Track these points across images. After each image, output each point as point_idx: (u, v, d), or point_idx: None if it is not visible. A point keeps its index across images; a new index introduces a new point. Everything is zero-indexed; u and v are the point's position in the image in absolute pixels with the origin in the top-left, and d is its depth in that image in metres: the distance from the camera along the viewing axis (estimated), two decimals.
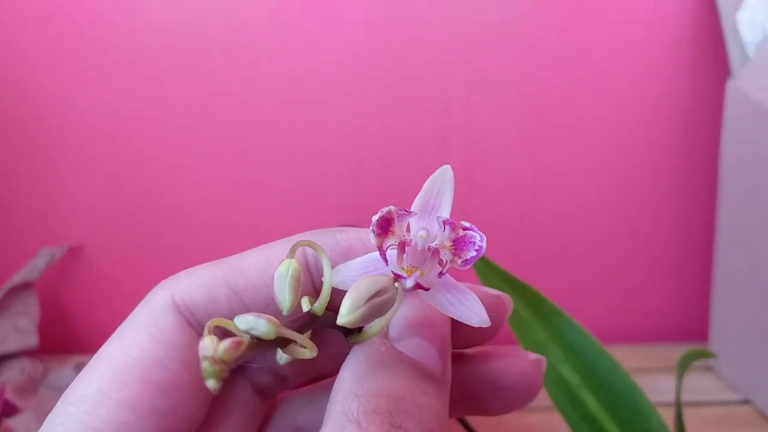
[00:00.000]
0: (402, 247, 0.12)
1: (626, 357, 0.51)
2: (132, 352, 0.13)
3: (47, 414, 0.13)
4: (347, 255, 0.14)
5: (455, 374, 0.14)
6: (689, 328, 0.53)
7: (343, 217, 0.51)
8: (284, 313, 0.11)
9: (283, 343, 0.11)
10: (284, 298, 0.11)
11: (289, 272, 0.11)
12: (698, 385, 0.46)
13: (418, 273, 0.13)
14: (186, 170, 0.51)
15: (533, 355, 0.15)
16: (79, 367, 0.45)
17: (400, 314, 0.13)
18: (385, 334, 0.13)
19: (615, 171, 0.52)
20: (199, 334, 0.13)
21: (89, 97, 0.50)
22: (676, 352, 0.52)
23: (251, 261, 0.14)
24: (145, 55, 0.49)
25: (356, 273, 0.13)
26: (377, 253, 0.12)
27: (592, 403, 0.17)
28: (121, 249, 0.52)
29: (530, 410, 0.43)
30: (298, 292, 0.12)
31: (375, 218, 0.12)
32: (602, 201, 0.52)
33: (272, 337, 0.11)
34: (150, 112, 0.50)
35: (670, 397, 0.45)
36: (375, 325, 0.12)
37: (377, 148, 0.52)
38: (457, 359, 0.15)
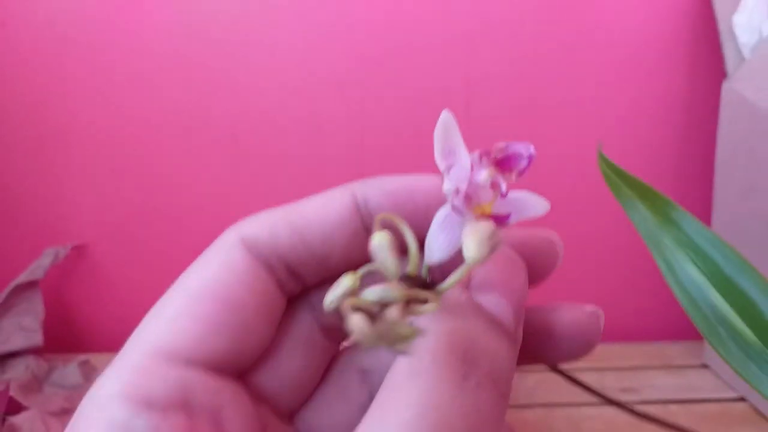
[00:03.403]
0: (462, 194, 0.13)
1: (622, 355, 0.51)
2: (204, 278, 0.14)
3: (52, 412, 0.13)
4: (400, 204, 0.15)
5: None
6: (685, 326, 0.54)
7: None
8: (391, 279, 0.12)
9: (408, 302, 0.12)
10: (389, 266, 0.12)
11: (386, 243, 0.12)
12: (694, 382, 0.47)
13: (487, 208, 0.13)
14: (189, 170, 0.52)
15: (590, 307, 0.15)
16: (83, 365, 0.45)
17: (481, 269, 0.14)
18: (465, 284, 0.14)
19: None
20: (265, 269, 0.14)
21: (93, 97, 0.50)
22: (672, 350, 0.53)
23: (309, 205, 0.15)
24: (147, 56, 0.49)
25: (438, 236, 0.13)
26: (444, 212, 0.13)
27: (721, 304, 0.17)
28: (125, 248, 0.52)
29: (529, 407, 0.43)
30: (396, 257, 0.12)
31: (448, 189, 0.13)
32: (599, 200, 0.53)
33: (403, 300, 0.11)
34: (153, 113, 0.50)
35: (667, 394, 0.46)
36: (457, 274, 0.12)
37: (377, 149, 0.52)
38: None
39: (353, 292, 0.12)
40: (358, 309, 0.11)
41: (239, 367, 0.14)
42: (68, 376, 0.44)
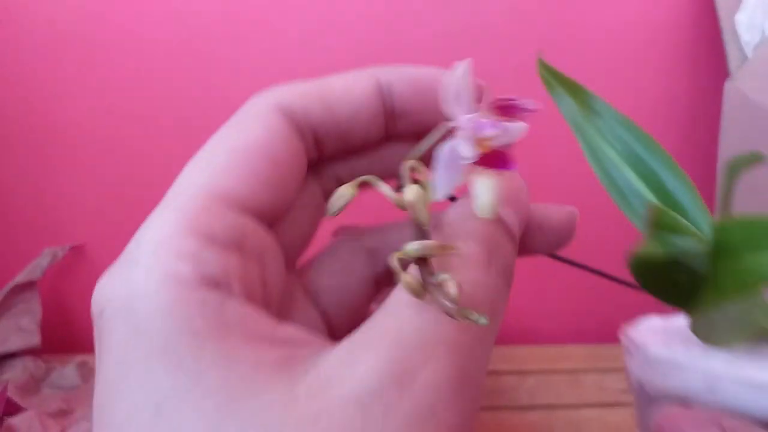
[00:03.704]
0: (468, 130, 0.14)
1: (622, 356, 0.51)
2: (249, 137, 0.15)
3: (50, 413, 0.13)
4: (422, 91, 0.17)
5: None
6: None
7: (343, 219, 0.51)
8: (425, 229, 0.13)
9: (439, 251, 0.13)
10: (422, 217, 0.13)
11: (420, 196, 0.13)
12: None
13: (487, 143, 0.14)
14: None
15: (569, 207, 0.18)
16: (81, 366, 0.45)
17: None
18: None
19: None
20: (298, 134, 0.15)
21: (91, 97, 0.50)
22: None
23: (338, 83, 0.16)
24: (148, 56, 0.49)
25: (442, 174, 0.14)
26: (447, 148, 0.14)
27: (634, 179, 0.20)
28: (123, 249, 0.52)
29: (530, 408, 0.43)
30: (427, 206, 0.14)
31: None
32: (601, 201, 0.53)
33: (438, 253, 0.13)
34: (152, 113, 0.50)
35: None
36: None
37: None
38: None
39: (352, 198, 0.14)
40: (403, 261, 0.13)
41: (274, 219, 0.15)
42: (66, 377, 0.44)
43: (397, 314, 0.12)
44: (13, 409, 0.38)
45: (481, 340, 0.13)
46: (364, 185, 0.15)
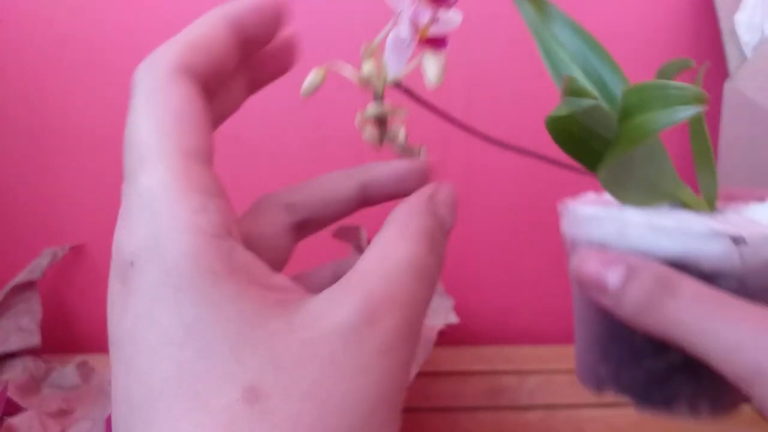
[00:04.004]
0: (408, 20, 0.19)
1: None
2: (174, 101, 0.18)
3: (49, 413, 0.15)
4: None
5: None
6: None
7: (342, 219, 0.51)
8: (379, 96, 0.20)
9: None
10: (377, 87, 0.20)
11: (372, 70, 0.19)
12: None
13: (425, 31, 0.19)
14: None
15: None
16: (81, 366, 0.45)
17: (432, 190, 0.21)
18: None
19: None
20: (199, 84, 0.18)
21: (91, 97, 0.50)
22: None
23: (197, 32, 0.19)
24: (146, 55, 0.49)
25: (391, 58, 0.20)
26: (393, 35, 0.19)
27: (581, 78, 0.23)
28: None
29: (530, 409, 0.43)
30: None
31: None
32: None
33: (392, 113, 0.20)
34: None
35: None
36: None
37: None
38: None
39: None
40: (365, 122, 0.20)
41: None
42: (66, 377, 0.44)
43: (368, 275, 0.16)
44: (13, 409, 0.38)
45: (423, 301, 0.17)
46: (331, 69, 0.19)
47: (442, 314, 0.44)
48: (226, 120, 0.22)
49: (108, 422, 0.32)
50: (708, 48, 0.51)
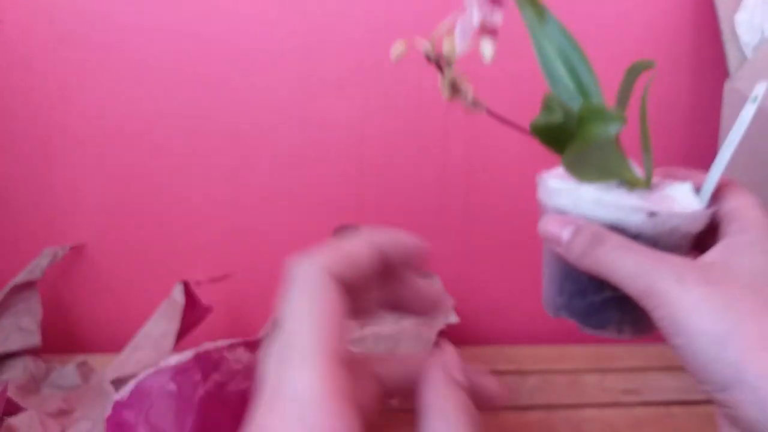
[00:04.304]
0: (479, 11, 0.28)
1: (624, 356, 0.51)
2: (321, 302, 0.19)
3: (49, 413, 0.14)
4: None
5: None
6: None
7: (343, 218, 0.51)
8: (452, 63, 0.28)
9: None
10: (451, 56, 0.28)
11: (450, 45, 0.28)
12: (696, 384, 0.46)
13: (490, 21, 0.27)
14: (188, 170, 0.51)
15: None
16: (81, 366, 0.45)
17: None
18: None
19: None
20: (342, 289, 0.20)
21: (92, 96, 0.50)
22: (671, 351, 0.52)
23: (351, 247, 0.21)
24: (148, 55, 0.49)
25: (459, 38, 0.29)
26: (462, 24, 0.28)
27: (562, 71, 0.31)
28: (123, 248, 0.52)
29: (530, 409, 0.43)
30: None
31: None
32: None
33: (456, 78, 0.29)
34: (152, 113, 0.50)
35: (669, 395, 0.46)
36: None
37: (377, 150, 0.52)
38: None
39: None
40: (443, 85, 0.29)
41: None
42: (66, 377, 0.44)
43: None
44: (13, 409, 0.38)
45: None
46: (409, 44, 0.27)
47: (442, 314, 0.44)
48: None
49: (108, 422, 0.32)
50: (708, 48, 0.51)
